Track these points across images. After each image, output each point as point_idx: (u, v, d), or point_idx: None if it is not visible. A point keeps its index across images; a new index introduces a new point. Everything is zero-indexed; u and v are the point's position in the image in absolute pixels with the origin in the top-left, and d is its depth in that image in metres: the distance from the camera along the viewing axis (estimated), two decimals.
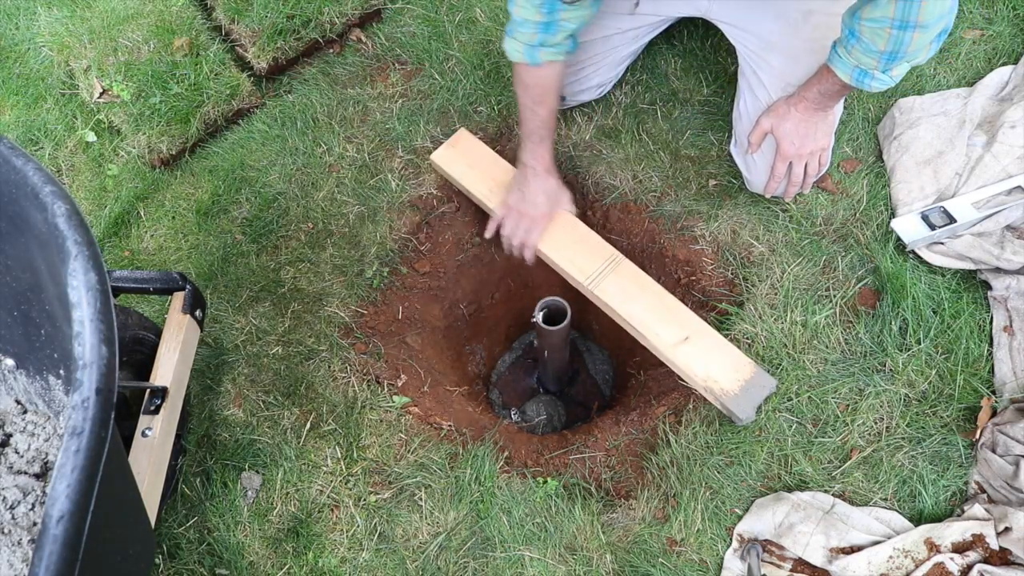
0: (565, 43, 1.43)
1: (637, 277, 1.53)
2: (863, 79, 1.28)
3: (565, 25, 1.38)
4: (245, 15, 1.89)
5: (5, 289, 1.02)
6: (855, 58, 1.26)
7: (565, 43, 1.43)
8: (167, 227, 1.79)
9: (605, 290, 1.52)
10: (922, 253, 1.51)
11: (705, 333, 1.47)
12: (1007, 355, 1.42)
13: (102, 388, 0.72)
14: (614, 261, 1.55)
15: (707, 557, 1.36)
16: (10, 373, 1.16)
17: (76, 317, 0.74)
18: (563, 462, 1.51)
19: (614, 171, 1.72)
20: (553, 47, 1.42)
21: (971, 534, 1.29)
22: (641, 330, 1.48)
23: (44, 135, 1.91)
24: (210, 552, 1.42)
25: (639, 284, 1.52)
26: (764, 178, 1.54)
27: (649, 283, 1.52)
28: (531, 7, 1.35)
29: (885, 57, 1.22)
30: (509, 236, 1.59)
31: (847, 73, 1.29)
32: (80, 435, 0.70)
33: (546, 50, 1.42)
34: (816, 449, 1.41)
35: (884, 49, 1.21)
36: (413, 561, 1.39)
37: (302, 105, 1.87)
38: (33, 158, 0.83)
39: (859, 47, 1.24)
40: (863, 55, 1.24)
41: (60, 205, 0.78)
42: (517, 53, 1.44)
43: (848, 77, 1.29)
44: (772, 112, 1.46)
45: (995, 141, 1.54)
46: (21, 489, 1.07)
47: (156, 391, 1.31)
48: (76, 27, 1.95)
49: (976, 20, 1.75)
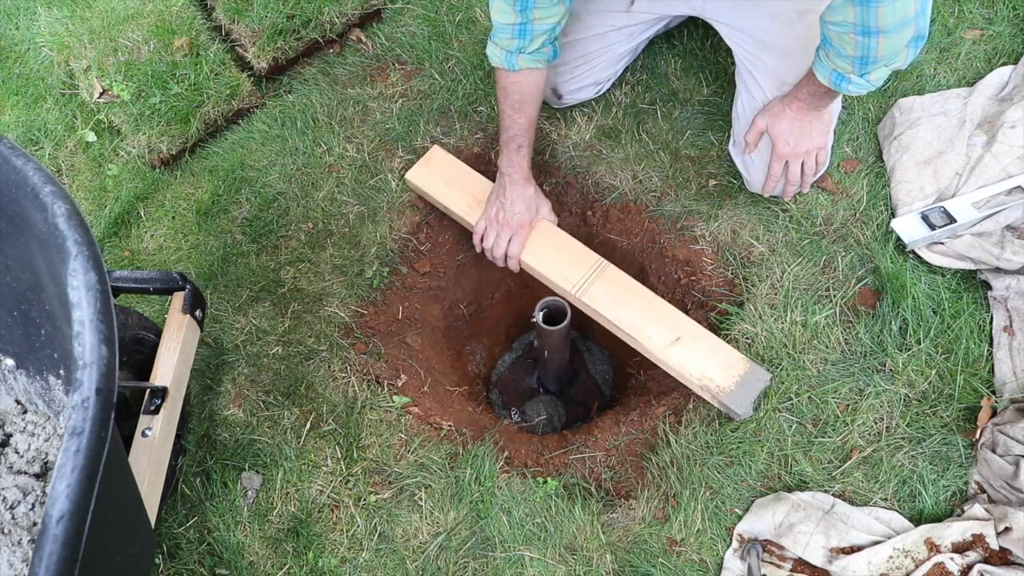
0: (544, 51, 1.45)
1: (624, 281, 1.53)
2: (840, 83, 1.29)
3: (540, 27, 1.39)
4: (245, 15, 1.89)
5: (5, 289, 1.02)
6: (832, 62, 1.27)
7: (544, 51, 1.45)
8: (167, 227, 1.79)
9: (593, 296, 1.52)
10: (922, 253, 1.51)
11: (696, 332, 1.47)
12: (1007, 355, 1.42)
13: (102, 388, 0.72)
14: (599, 267, 1.55)
15: (707, 557, 1.36)
16: (10, 373, 1.16)
17: (76, 317, 0.74)
18: (563, 462, 1.51)
19: (614, 171, 1.72)
20: (531, 54, 1.44)
21: (971, 534, 1.29)
22: (632, 333, 1.48)
23: (44, 135, 1.91)
24: (210, 552, 1.42)
25: (626, 288, 1.52)
26: (763, 177, 1.54)
27: (636, 287, 1.52)
28: (506, 6, 1.36)
29: (858, 62, 1.23)
30: (491, 248, 1.60)
31: (826, 77, 1.30)
32: (80, 435, 0.70)
33: (524, 57, 1.44)
34: (816, 449, 1.41)
35: (854, 54, 1.22)
36: (413, 561, 1.39)
37: (302, 105, 1.87)
38: (33, 158, 0.83)
39: (832, 51, 1.25)
40: (837, 59, 1.25)
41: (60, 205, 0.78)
42: (496, 58, 1.46)
43: (827, 80, 1.30)
44: (767, 111, 1.46)
45: (995, 141, 1.54)
46: (21, 489, 1.07)
47: (156, 391, 1.31)
48: (76, 27, 1.95)
49: (976, 20, 1.75)
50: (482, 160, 1.79)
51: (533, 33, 1.40)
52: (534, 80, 1.48)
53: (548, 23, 1.40)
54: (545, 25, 1.40)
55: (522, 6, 1.36)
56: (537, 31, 1.40)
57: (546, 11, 1.38)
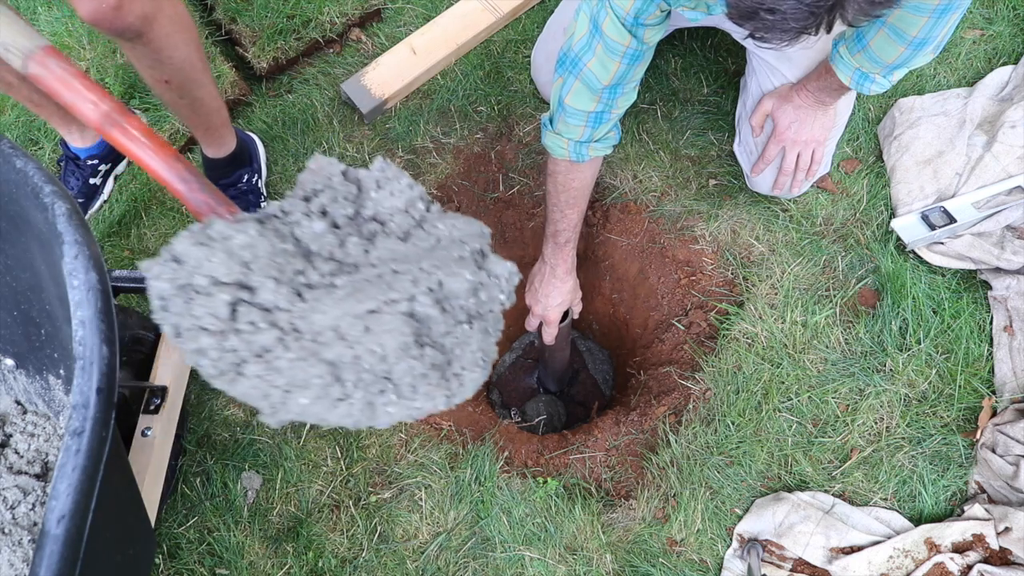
0: (611, 135, 1.35)
1: None
2: (864, 82, 1.25)
3: (617, 113, 1.30)
4: (245, 15, 1.89)
5: (5, 289, 1.02)
6: (857, 61, 1.23)
7: (611, 135, 1.35)
8: (167, 227, 1.79)
9: None
10: (922, 253, 1.51)
11: None
12: (1007, 355, 1.42)
13: (103, 388, 0.72)
14: None
15: (707, 557, 1.36)
16: (10, 373, 1.16)
17: (76, 317, 0.74)
18: (563, 462, 1.51)
19: (614, 171, 1.72)
20: (601, 141, 1.33)
21: (971, 534, 1.29)
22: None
23: (44, 135, 1.91)
24: (210, 552, 1.42)
25: None
26: (767, 177, 1.53)
27: None
28: (588, 95, 1.24)
29: (891, 66, 1.21)
30: (530, 329, 1.69)
31: (847, 75, 1.26)
32: (81, 435, 0.70)
33: (595, 145, 1.32)
34: (816, 449, 1.41)
35: (891, 63, 1.19)
36: (413, 561, 1.39)
37: (302, 105, 1.87)
38: (33, 158, 0.83)
39: (865, 54, 1.21)
40: (867, 61, 1.22)
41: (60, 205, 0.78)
42: (561, 150, 1.32)
43: (848, 79, 1.26)
44: (775, 93, 1.44)
45: (995, 141, 1.55)
46: (21, 489, 1.07)
47: (156, 391, 1.31)
48: (76, 27, 1.95)
49: (976, 20, 1.75)
50: (482, 160, 1.79)
51: (609, 119, 1.29)
52: (595, 169, 1.39)
53: (625, 107, 1.30)
54: (622, 110, 1.30)
55: (610, 94, 1.24)
56: (613, 117, 1.30)
57: (629, 96, 1.28)
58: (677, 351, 1.61)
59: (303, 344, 0.65)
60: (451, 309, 0.71)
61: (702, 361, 1.53)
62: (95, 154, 1.68)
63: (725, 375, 1.49)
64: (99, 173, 1.72)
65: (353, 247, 0.73)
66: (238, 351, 0.63)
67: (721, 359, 1.51)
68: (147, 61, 1.23)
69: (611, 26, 1.17)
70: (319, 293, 0.69)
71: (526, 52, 1.84)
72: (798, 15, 0.79)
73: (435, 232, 0.78)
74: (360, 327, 0.66)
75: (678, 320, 1.64)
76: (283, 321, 0.65)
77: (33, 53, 0.82)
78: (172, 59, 1.24)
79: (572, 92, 1.25)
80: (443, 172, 1.77)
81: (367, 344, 0.66)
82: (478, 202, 1.81)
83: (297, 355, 0.64)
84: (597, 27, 1.18)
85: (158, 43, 1.19)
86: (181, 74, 1.28)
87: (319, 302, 0.67)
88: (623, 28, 1.16)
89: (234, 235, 0.66)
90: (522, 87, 1.82)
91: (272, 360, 0.64)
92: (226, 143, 1.57)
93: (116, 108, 0.80)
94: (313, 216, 0.73)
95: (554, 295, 1.56)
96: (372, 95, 1.79)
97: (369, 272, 0.72)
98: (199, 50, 1.30)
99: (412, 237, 0.77)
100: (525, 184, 1.78)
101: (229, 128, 1.55)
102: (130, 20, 1.10)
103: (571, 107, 1.27)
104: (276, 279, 0.65)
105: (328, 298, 0.68)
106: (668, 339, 1.65)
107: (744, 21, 0.84)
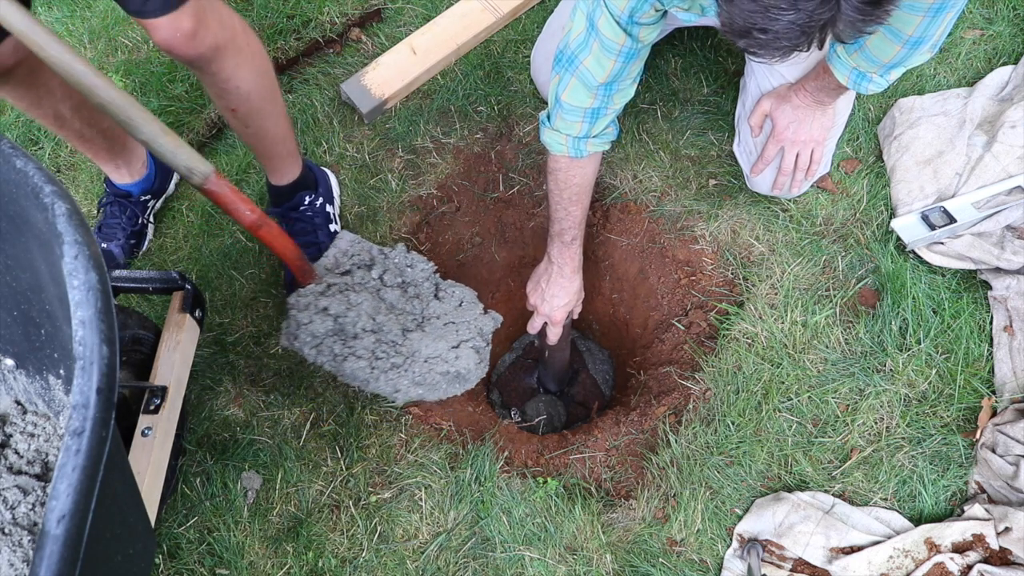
0: (609, 131, 1.36)
1: None
2: (861, 81, 1.26)
3: (615, 109, 1.30)
4: (245, 15, 1.89)
5: (5, 289, 1.02)
6: (854, 61, 1.24)
7: (609, 131, 1.36)
8: (167, 227, 1.79)
9: None
10: (922, 253, 1.51)
11: None
12: (1007, 355, 1.42)
13: (103, 388, 0.72)
14: None
15: (707, 557, 1.36)
16: (10, 373, 1.16)
17: (76, 317, 0.74)
18: (563, 462, 1.51)
19: (614, 171, 1.72)
20: (599, 137, 1.34)
21: (971, 534, 1.29)
22: None
23: (44, 135, 1.91)
24: (210, 552, 1.42)
25: None
26: (766, 177, 1.53)
27: None
28: (584, 91, 1.25)
29: (887, 66, 1.21)
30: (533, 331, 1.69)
31: (844, 75, 1.27)
32: (81, 435, 0.70)
33: (593, 141, 1.33)
34: (816, 449, 1.41)
35: (888, 62, 1.19)
36: (413, 561, 1.39)
37: (302, 105, 1.87)
38: (33, 158, 0.82)
39: (861, 54, 1.21)
40: (864, 61, 1.22)
41: (61, 205, 0.78)
42: (559, 146, 1.33)
43: (845, 79, 1.27)
44: (774, 93, 1.44)
45: (995, 141, 1.55)
46: (21, 489, 1.07)
47: (156, 391, 1.30)
48: (76, 27, 1.95)
49: (976, 20, 1.75)
50: (482, 160, 1.80)
51: (606, 115, 1.30)
52: (596, 164, 1.39)
53: (622, 104, 1.31)
54: (619, 106, 1.30)
55: (606, 91, 1.25)
56: (610, 113, 1.31)
57: (626, 93, 1.29)
58: (677, 351, 1.61)
59: (418, 363, 1.36)
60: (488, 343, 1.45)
61: (702, 361, 1.53)
62: (146, 188, 1.66)
63: (725, 375, 1.50)
64: (148, 209, 1.70)
65: (416, 304, 1.43)
66: (378, 367, 1.34)
67: (721, 359, 1.51)
68: (215, 89, 1.24)
69: (606, 24, 1.18)
70: (416, 335, 1.39)
71: (526, 52, 1.84)
72: (790, 34, 0.81)
73: (455, 294, 1.46)
74: (453, 355, 1.39)
75: (678, 320, 1.64)
76: (405, 350, 1.36)
77: (209, 176, 1.14)
78: (240, 89, 1.24)
79: (569, 89, 1.27)
80: (443, 172, 1.77)
81: (457, 365, 1.38)
82: (478, 202, 1.81)
83: (419, 369, 1.36)
84: (593, 25, 1.19)
85: (226, 73, 1.20)
86: (247, 104, 1.29)
87: (420, 341, 1.38)
88: (618, 26, 1.17)
89: (361, 301, 1.37)
90: (522, 87, 1.82)
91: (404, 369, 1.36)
92: (288, 173, 1.54)
93: (262, 215, 1.23)
94: (387, 285, 1.43)
95: (561, 295, 1.56)
96: (372, 95, 1.79)
97: (436, 322, 1.41)
98: (271, 81, 1.31)
99: (443, 297, 1.46)
100: (525, 184, 1.79)
101: (295, 158, 1.53)
102: (202, 50, 1.12)
103: (568, 104, 1.28)
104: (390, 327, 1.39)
105: (426, 337, 1.38)
106: (668, 339, 1.65)
107: (737, 38, 0.85)
